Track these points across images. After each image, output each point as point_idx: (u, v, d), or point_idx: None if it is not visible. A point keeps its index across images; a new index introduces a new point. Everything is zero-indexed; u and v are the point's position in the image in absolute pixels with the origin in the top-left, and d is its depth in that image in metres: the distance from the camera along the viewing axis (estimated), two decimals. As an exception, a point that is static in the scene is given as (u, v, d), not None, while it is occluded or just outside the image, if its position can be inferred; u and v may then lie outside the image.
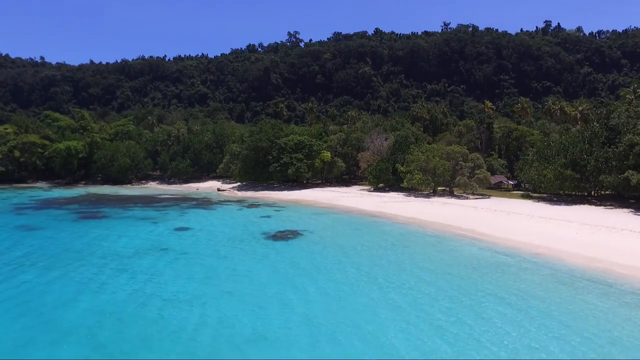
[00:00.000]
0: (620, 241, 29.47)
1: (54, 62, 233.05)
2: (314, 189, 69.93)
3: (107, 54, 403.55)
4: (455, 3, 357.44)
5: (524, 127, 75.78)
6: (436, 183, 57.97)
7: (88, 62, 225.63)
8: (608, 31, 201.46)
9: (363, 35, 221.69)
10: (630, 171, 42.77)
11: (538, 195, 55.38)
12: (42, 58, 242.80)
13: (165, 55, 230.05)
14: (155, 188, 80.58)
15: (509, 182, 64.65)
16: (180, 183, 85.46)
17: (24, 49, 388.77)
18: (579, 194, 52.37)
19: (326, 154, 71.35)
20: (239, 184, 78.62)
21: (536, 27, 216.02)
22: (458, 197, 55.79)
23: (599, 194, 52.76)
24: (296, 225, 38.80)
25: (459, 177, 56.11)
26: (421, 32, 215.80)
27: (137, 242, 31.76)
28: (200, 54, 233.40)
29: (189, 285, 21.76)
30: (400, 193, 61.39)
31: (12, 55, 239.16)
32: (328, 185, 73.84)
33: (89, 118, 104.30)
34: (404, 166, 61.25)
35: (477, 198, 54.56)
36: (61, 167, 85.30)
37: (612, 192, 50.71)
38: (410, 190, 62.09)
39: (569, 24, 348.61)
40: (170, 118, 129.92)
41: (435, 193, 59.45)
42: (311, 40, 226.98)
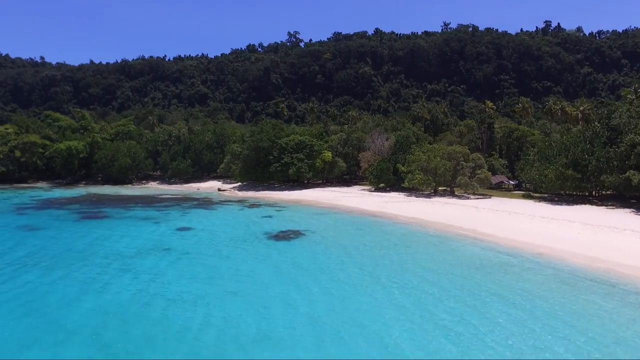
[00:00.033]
0: (623, 241, 29.47)
1: (54, 62, 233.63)
2: (314, 189, 69.93)
3: (107, 54, 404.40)
4: (455, 3, 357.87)
5: (525, 127, 75.75)
6: (437, 183, 58.02)
7: (88, 62, 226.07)
8: (608, 31, 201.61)
9: (363, 35, 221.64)
10: (632, 171, 42.78)
11: (539, 195, 55.39)
12: (42, 58, 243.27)
13: (165, 55, 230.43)
14: (156, 188, 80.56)
15: (509, 182, 64.63)
16: (180, 183, 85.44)
17: (24, 49, 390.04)
18: (580, 194, 52.39)
19: (327, 154, 71.35)
20: (240, 184, 78.59)
21: (536, 27, 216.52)
22: (459, 197, 55.80)
23: (600, 194, 52.78)
24: (298, 225, 38.81)
25: (460, 177, 56.12)
26: (421, 32, 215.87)
27: (140, 242, 31.76)
28: (200, 54, 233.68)
29: (192, 285, 21.77)
30: (401, 193, 61.40)
31: (12, 55, 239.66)
32: (329, 185, 73.84)
33: (89, 118, 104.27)
34: (405, 166, 61.26)
35: (478, 198, 54.58)
36: (62, 167, 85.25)
37: (613, 192, 50.73)
38: (411, 190, 62.11)
39: (569, 24, 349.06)
40: (171, 118, 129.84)
41: (436, 193, 59.48)
42: (311, 40, 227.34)
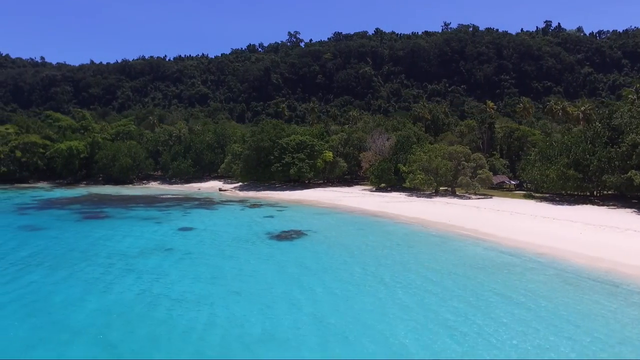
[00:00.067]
0: (625, 241, 29.49)
1: (55, 62, 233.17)
2: (315, 189, 69.95)
3: (108, 54, 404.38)
4: (455, 3, 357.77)
5: (526, 127, 75.83)
6: (438, 183, 58.07)
7: (88, 62, 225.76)
8: (608, 31, 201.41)
9: (363, 35, 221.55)
10: (634, 171, 42.81)
11: (540, 195, 55.42)
12: (43, 58, 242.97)
13: (165, 56, 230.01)
14: (157, 188, 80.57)
15: (511, 182, 64.64)
16: (181, 183, 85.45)
17: (24, 49, 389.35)
18: (581, 194, 52.42)
19: (328, 154, 71.37)
20: (241, 184, 78.60)
21: (536, 27, 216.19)
22: (460, 197, 55.82)
23: (601, 194, 52.79)
24: (300, 225, 38.82)
25: (461, 177, 56.14)
26: (422, 32, 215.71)
27: (142, 242, 31.78)
28: (200, 54, 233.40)
29: (195, 285, 21.79)
30: (402, 193, 61.43)
31: (13, 56, 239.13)
32: (330, 185, 73.86)
33: (90, 118, 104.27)
34: (406, 166, 61.29)
35: (480, 198, 54.60)
36: (62, 167, 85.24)
37: (615, 192, 50.74)
38: (412, 190, 62.16)
39: (569, 24, 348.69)
40: (171, 118, 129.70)
41: (438, 193, 59.51)
42: (311, 40, 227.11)
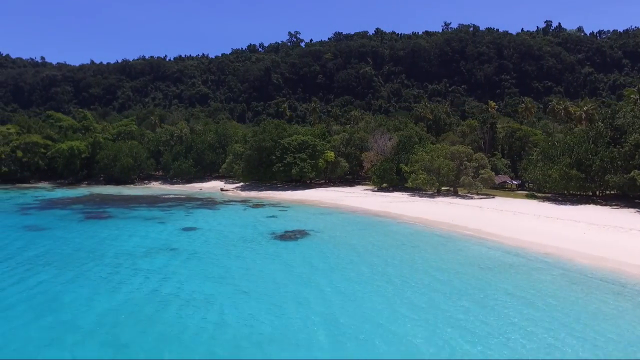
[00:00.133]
0: (629, 241, 29.57)
1: (55, 62, 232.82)
2: (317, 188, 70.03)
3: (108, 54, 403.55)
4: (456, 3, 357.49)
5: (527, 127, 75.94)
6: (440, 183, 58.17)
7: (89, 62, 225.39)
8: (609, 31, 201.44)
9: (364, 35, 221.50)
10: (637, 171, 42.92)
11: (543, 195, 55.53)
12: (43, 58, 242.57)
13: (165, 56, 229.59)
14: (159, 188, 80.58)
15: (512, 182, 64.74)
16: (183, 183, 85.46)
17: (24, 49, 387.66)
18: (584, 193, 52.52)
19: (330, 154, 71.45)
20: (242, 184, 78.65)
21: (537, 27, 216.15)
22: (462, 197, 55.92)
23: (603, 194, 52.93)
24: (304, 225, 38.90)
25: (463, 177, 56.22)
26: (422, 32, 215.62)
27: (148, 242, 31.84)
28: (201, 54, 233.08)
29: (204, 285, 21.84)
30: (405, 193, 61.51)
31: (13, 56, 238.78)
32: (331, 185, 73.95)
33: (91, 118, 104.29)
34: (408, 166, 61.37)
35: (482, 198, 54.71)
36: (64, 167, 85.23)
37: (617, 192, 50.85)
38: (414, 190, 62.22)
39: (569, 23, 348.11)
40: (172, 118, 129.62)
41: (440, 193, 59.60)
42: (312, 40, 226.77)
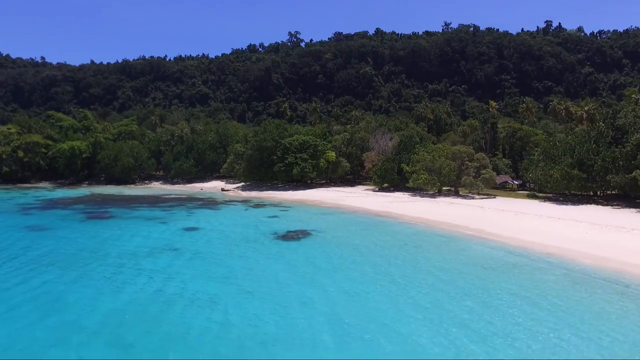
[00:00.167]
0: (631, 241, 29.57)
1: (55, 62, 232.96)
2: (318, 188, 70.05)
3: (108, 54, 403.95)
4: (456, 3, 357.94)
5: (528, 127, 75.97)
6: (442, 183, 58.18)
7: (89, 62, 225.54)
8: (609, 31, 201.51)
9: (364, 35, 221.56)
10: (638, 171, 42.91)
11: (544, 195, 55.54)
12: (43, 58, 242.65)
13: (166, 56, 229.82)
14: (159, 188, 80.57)
15: (513, 182, 64.76)
16: (183, 183, 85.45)
17: (24, 49, 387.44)
18: (585, 194, 52.53)
19: (331, 154, 71.45)
20: (243, 184, 78.65)
21: (537, 27, 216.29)
22: (464, 197, 55.93)
23: (605, 194, 52.95)
24: (305, 225, 38.91)
25: (464, 177, 56.21)
26: (422, 32, 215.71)
27: (150, 242, 31.86)
28: (201, 54, 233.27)
29: (208, 285, 21.87)
30: (406, 193, 61.52)
31: (13, 56, 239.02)
32: (332, 185, 73.97)
33: (92, 118, 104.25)
34: (409, 166, 61.38)
35: (483, 198, 54.73)
36: (65, 167, 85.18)
37: (619, 192, 50.88)
38: (415, 190, 62.23)
39: (569, 23, 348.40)
40: (172, 118, 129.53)
41: (441, 193, 59.62)
42: (312, 40, 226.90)
